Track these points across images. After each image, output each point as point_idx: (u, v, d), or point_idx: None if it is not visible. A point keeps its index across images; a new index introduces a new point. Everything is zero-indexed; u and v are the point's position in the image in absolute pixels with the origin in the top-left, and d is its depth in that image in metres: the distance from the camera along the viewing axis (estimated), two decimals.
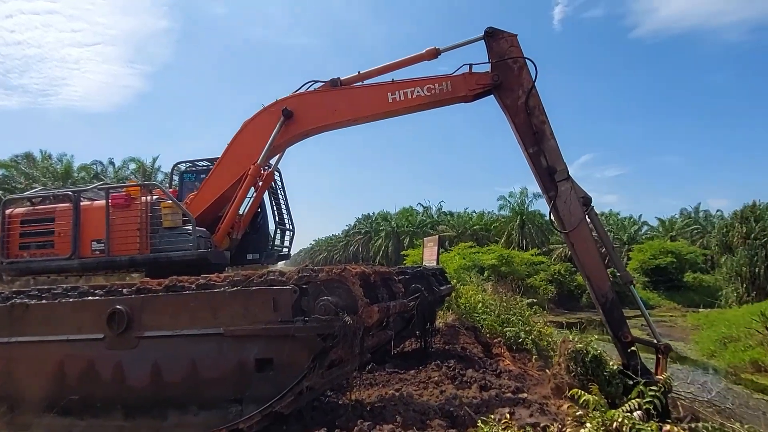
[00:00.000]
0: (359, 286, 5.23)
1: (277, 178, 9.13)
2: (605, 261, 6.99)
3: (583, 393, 5.20)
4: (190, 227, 7.09)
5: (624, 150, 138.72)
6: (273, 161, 8.38)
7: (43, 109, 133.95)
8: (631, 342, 6.44)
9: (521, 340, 11.69)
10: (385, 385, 7.51)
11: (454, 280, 16.01)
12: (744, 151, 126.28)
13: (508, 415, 5.46)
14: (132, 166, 39.90)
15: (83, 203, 7.55)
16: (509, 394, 6.77)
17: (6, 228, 7.55)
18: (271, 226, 9.18)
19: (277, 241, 9.25)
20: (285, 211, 9.42)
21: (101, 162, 39.43)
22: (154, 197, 7.47)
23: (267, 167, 8.16)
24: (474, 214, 71.67)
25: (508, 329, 12.15)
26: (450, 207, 78.27)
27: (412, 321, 9.24)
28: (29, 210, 7.81)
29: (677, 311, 35.90)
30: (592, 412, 4.92)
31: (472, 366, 8.59)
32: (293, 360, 5.11)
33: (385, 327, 6.48)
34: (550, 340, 12.43)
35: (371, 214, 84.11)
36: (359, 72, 7.51)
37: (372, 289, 5.89)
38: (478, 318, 13.18)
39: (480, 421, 5.02)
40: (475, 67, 7.06)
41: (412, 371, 8.24)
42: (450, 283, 12.56)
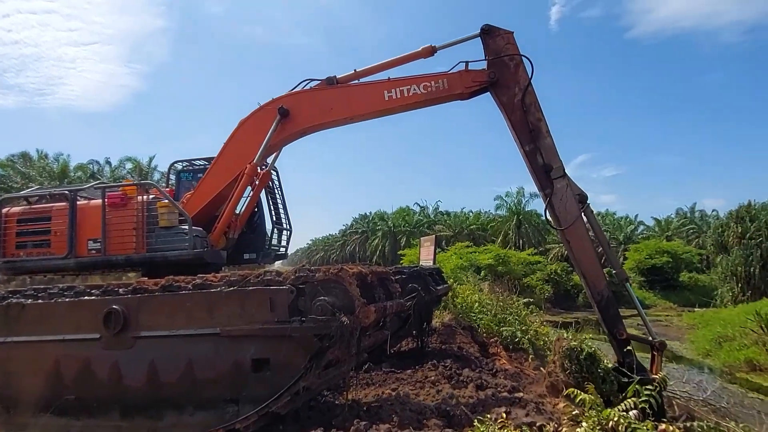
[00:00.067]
0: (356, 286, 5.24)
1: (274, 177, 9.11)
2: (601, 260, 7.00)
3: (579, 392, 5.22)
4: (186, 227, 7.09)
5: (620, 150, 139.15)
6: (269, 160, 8.35)
7: (40, 109, 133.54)
8: (627, 339, 6.46)
9: (518, 339, 11.72)
10: (382, 385, 7.52)
11: (450, 279, 16.06)
12: (740, 151, 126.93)
13: (504, 415, 5.46)
14: (128, 165, 39.79)
15: (79, 202, 7.54)
16: (505, 393, 6.79)
17: (2, 227, 7.54)
18: (268, 225, 9.16)
19: (274, 241, 9.25)
20: (282, 211, 9.40)
21: (98, 161, 39.34)
22: (150, 197, 7.47)
23: (263, 166, 8.12)
24: (471, 213, 71.72)
25: (504, 329, 12.17)
26: (447, 207, 78.32)
27: (408, 321, 9.23)
28: (25, 209, 7.80)
29: (673, 311, 36.04)
30: (588, 411, 4.94)
31: (468, 365, 8.61)
32: (290, 360, 5.11)
33: (382, 327, 6.48)
34: (546, 339, 12.44)
35: (368, 213, 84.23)
36: (355, 70, 7.49)
37: (369, 289, 5.90)
38: (474, 318, 13.20)
39: (476, 421, 5.02)
40: (472, 65, 7.04)
41: (408, 371, 8.26)
42: (447, 283, 12.60)
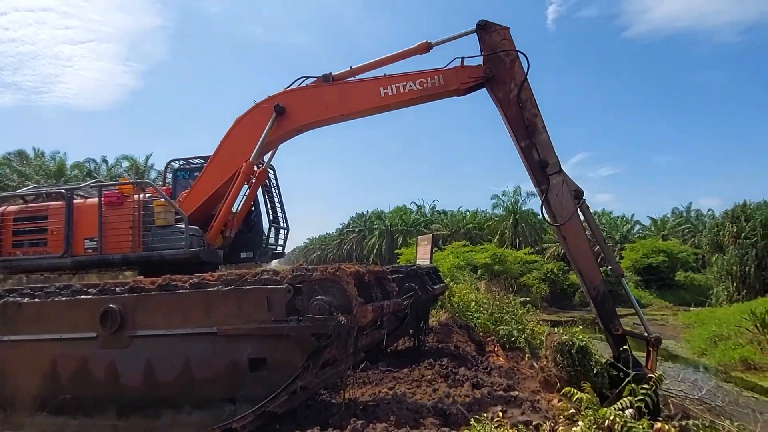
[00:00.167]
0: (353, 285, 5.24)
1: (271, 175, 9.08)
2: (598, 257, 7.03)
3: (576, 391, 5.25)
4: (182, 225, 7.07)
5: (617, 149, 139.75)
6: (266, 158, 8.33)
7: (36, 107, 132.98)
8: (622, 335, 6.50)
9: (514, 338, 11.73)
10: (379, 384, 7.53)
11: (447, 278, 16.06)
12: (735, 151, 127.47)
13: (500, 414, 5.48)
14: (125, 164, 39.60)
15: (76, 201, 7.52)
16: (501, 391, 6.80)
17: None
18: (265, 224, 9.12)
19: (271, 240, 9.20)
20: (279, 209, 9.37)
21: (94, 160, 39.12)
22: (146, 195, 7.45)
23: (260, 164, 8.11)
24: (467, 212, 71.65)
25: (501, 328, 12.17)
26: (443, 206, 78.23)
27: (405, 320, 9.25)
28: (22, 208, 7.77)
29: (669, 310, 36.12)
30: (584, 410, 4.96)
31: (464, 364, 8.63)
32: (287, 359, 5.12)
33: (379, 326, 6.49)
34: (542, 338, 12.44)
35: (365, 212, 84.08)
36: (351, 67, 7.49)
37: (366, 289, 5.90)
38: (471, 317, 13.20)
39: (473, 420, 5.04)
40: (468, 61, 7.05)
41: (405, 370, 8.28)
42: (443, 282, 12.61)
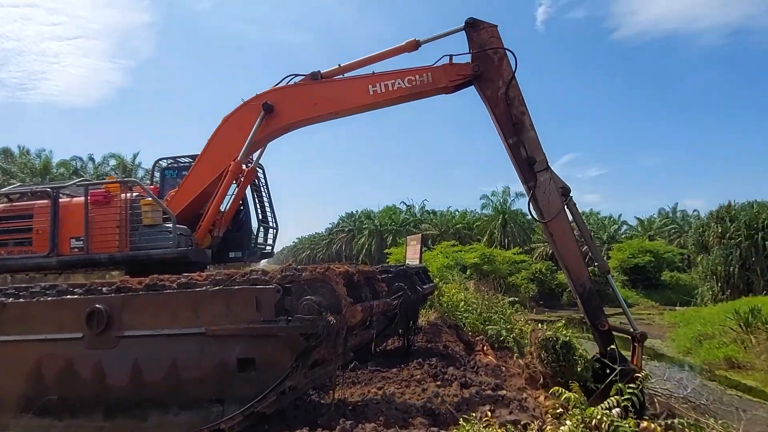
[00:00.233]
0: (343, 285, 5.24)
1: (260, 174, 9.04)
2: (585, 256, 7.09)
3: (564, 390, 5.29)
4: (170, 225, 7.01)
5: (605, 150, 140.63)
6: (254, 157, 8.29)
7: (22, 104, 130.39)
8: (609, 331, 6.58)
9: (503, 338, 11.80)
10: (368, 384, 7.54)
11: (436, 278, 16.10)
12: (720, 153, 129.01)
13: (489, 413, 5.51)
14: (112, 162, 39.35)
15: (62, 200, 7.43)
16: (489, 391, 6.84)
17: None
18: (254, 223, 9.09)
19: (260, 239, 9.16)
20: (268, 208, 9.33)
21: (81, 158, 38.87)
22: (134, 194, 7.38)
23: (248, 163, 8.07)
24: (457, 212, 71.91)
25: (489, 327, 12.24)
26: (433, 206, 78.21)
27: (395, 319, 9.26)
28: (6, 206, 7.67)
29: (655, 309, 36.49)
30: (572, 409, 5.01)
31: (453, 364, 8.67)
32: (276, 360, 5.10)
33: (368, 326, 6.49)
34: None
35: (355, 212, 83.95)
36: (339, 65, 7.48)
37: (355, 289, 5.90)
38: (460, 316, 13.27)
39: (462, 419, 5.06)
40: (456, 59, 7.08)
41: (394, 369, 8.29)
42: (433, 282, 12.65)
